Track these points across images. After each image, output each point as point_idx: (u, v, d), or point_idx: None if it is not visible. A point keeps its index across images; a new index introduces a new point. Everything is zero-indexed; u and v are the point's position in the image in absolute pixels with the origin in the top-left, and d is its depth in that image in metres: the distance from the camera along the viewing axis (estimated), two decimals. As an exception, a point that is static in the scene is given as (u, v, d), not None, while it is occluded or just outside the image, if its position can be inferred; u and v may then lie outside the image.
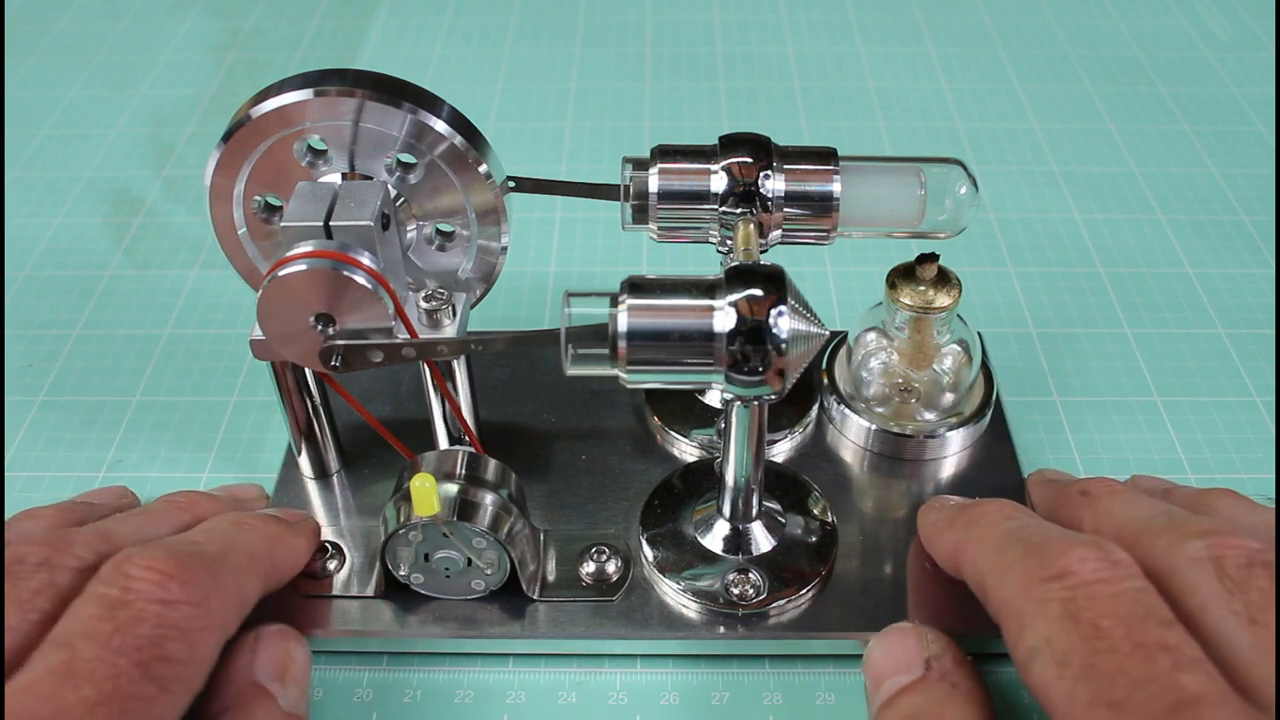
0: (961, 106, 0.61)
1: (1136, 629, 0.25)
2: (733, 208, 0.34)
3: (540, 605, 0.34)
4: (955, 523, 0.32)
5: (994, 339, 0.46)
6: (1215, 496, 0.32)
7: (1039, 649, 0.26)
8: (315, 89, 0.33)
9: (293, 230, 0.32)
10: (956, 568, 0.31)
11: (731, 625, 0.34)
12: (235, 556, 0.30)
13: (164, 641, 0.26)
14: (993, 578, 0.28)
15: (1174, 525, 0.28)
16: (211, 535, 0.30)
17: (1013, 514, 0.31)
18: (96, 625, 0.25)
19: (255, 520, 0.32)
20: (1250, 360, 0.45)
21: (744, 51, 0.66)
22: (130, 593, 0.26)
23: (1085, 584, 0.26)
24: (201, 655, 0.27)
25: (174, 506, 0.34)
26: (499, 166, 0.35)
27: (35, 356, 0.46)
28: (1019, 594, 0.27)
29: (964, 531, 0.31)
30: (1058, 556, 0.27)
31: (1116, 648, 0.24)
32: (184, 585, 0.27)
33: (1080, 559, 0.26)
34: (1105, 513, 0.31)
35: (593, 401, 0.41)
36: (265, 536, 0.32)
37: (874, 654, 0.31)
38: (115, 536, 0.30)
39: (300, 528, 0.34)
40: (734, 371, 0.28)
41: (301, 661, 0.31)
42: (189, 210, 0.54)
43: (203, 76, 0.65)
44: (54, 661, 0.24)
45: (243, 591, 0.29)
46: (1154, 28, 0.68)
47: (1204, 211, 0.53)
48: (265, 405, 0.43)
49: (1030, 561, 0.27)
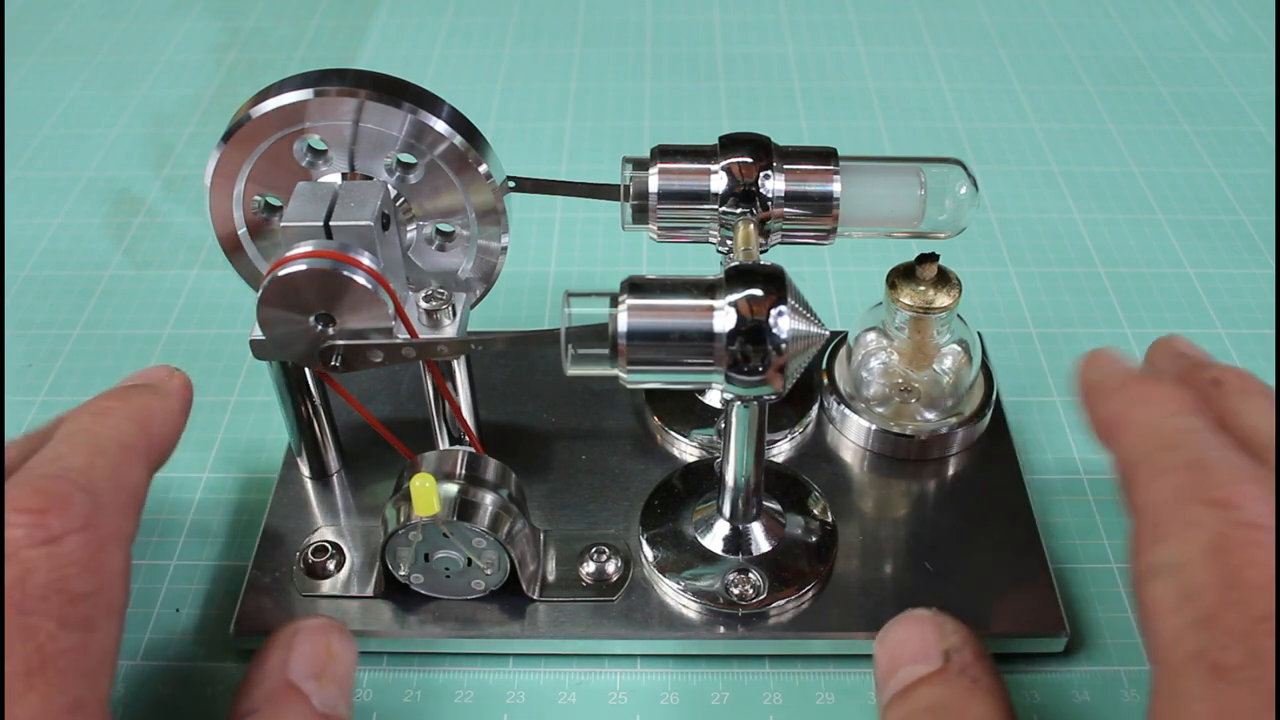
0: (961, 106, 0.61)
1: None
2: (733, 208, 0.34)
3: (540, 605, 0.34)
4: (1122, 391, 0.28)
5: (994, 339, 0.46)
6: None
7: (1167, 568, 0.23)
8: (315, 89, 0.33)
9: (293, 230, 0.32)
10: (1109, 438, 0.28)
11: (731, 625, 0.34)
12: (105, 455, 0.27)
13: (66, 582, 0.24)
14: (1146, 470, 0.25)
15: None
16: (73, 440, 0.27)
17: (1191, 409, 0.27)
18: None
19: (115, 401, 0.29)
20: (1250, 360, 0.45)
21: (744, 51, 0.66)
22: (11, 544, 0.24)
23: (1246, 525, 0.23)
24: (111, 573, 0.25)
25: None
26: (499, 166, 0.35)
27: (35, 356, 0.46)
28: (1169, 502, 0.24)
29: (1130, 406, 0.27)
30: (1227, 482, 0.24)
31: (1250, 606, 0.22)
32: (61, 515, 0.24)
33: (1250, 495, 0.23)
34: (1235, 412, 0.27)
35: (593, 401, 0.41)
36: (131, 416, 0.29)
37: (889, 639, 0.28)
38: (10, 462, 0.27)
39: (167, 386, 0.31)
40: (734, 371, 0.28)
41: (343, 657, 0.28)
42: (189, 210, 0.54)
43: (203, 76, 0.65)
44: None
45: (128, 487, 0.27)
46: (1154, 28, 0.68)
47: (1204, 211, 0.53)
48: (265, 405, 0.43)
49: (1194, 474, 0.24)
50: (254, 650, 0.34)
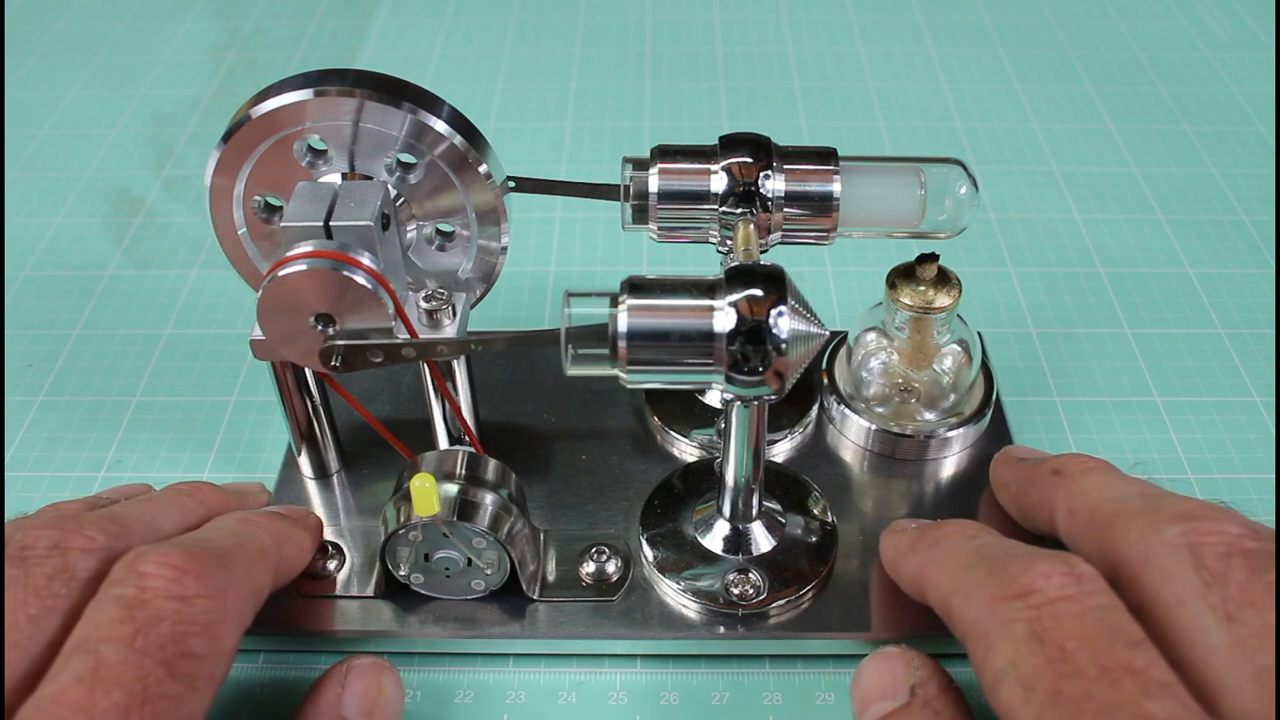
0: (961, 106, 0.61)
1: (1103, 651, 0.24)
2: (733, 208, 0.34)
3: (540, 605, 0.34)
4: (917, 546, 0.31)
5: (994, 339, 0.46)
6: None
7: (1005, 672, 0.25)
8: (315, 89, 0.33)
9: (293, 230, 0.32)
10: (921, 593, 0.30)
11: (731, 625, 0.34)
12: (245, 551, 0.30)
13: (186, 638, 0.26)
14: (957, 599, 0.27)
15: (1150, 508, 0.27)
16: (221, 532, 0.30)
17: (975, 533, 0.30)
18: (117, 627, 0.25)
19: (261, 517, 0.32)
20: (1250, 360, 0.45)
21: (744, 51, 0.66)
22: (147, 591, 0.26)
23: (1050, 602, 0.25)
24: (223, 648, 0.27)
25: (179, 494, 0.34)
26: (499, 166, 0.35)
27: (35, 356, 0.46)
28: (984, 614, 0.26)
29: (926, 554, 0.30)
30: (1020, 574, 0.26)
31: (1082, 672, 0.23)
32: (199, 579, 0.27)
33: (1044, 575, 0.25)
34: (1079, 493, 0.30)
35: (593, 401, 0.41)
36: (272, 532, 0.32)
37: (861, 677, 0.30)
38: (122, 518, 0.30)
39: (304, 523, 0.34)
40: (734, 371, 0.28)
41: (393, 696, 0.30)
42: (189, 210, 0.54)
43: (203, 76, 0.65)
44: (80, 668, 0.24)
45: (256, 584, 0.29)
46: (1154, 28, 0.68)
47: (1204, 211, 0.53)
48: (265, 405, 0.43)
49: (993, 580, 0.26)
50: (254, 650, 0.35)
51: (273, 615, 0.34)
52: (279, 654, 0.35)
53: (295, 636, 0.34)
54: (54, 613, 0.26)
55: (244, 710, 0.33)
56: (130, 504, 0.32)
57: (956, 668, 0.34)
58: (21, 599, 0.26)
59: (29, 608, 0.26)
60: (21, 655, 0.25)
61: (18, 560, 0.27)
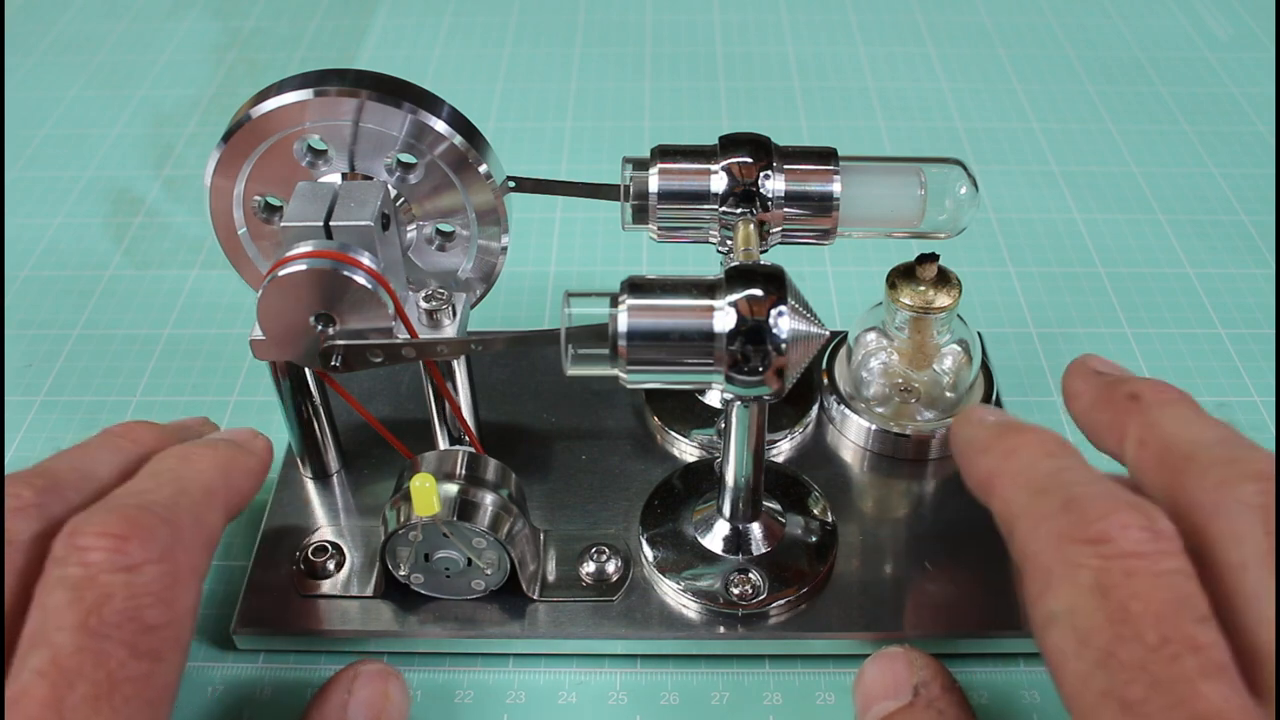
0: (961, 106, 0.61)
1: (1167, 621, 0.22)
2: (733, 208, 0.34)
3: (540, 605, 0.34)
4: (992, 447, 0.29)
5: (994, 339, 0.46)
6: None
7: (1060, 616, 0.24)
8: (315, 89, 0.33)
9: (293, 230, 0.32)
10: (987, 498, 0.28)
11: (731, 625, 0.34)
12: (188, 496, 0.28)
13: (141, 611, 0.24)
14: (1024, 523, 0.26)
15: (1230, 458, 0.25)
16: (159, 479, 0.28)
17: (1056, 451, 0.28)
18: (68, 613, 0.24)
19: (202, 449, 0.30)
20: (1250, 360, 0.45)
21: (744, 51, 0.66)
22: (91, 567, 0.24)
23: (1122, 556, 0.23)
24: (182, 609, 0.26)
25: (110, 435, 0.32)
26: (499, 166, 0.35)
27: (35, 356, 0.46)
28: (1049, 549, 0.25)
29: (1000, 460, 0.28)
30: (1099, 518, 0.24)
31: (1142, 638, 0.22)
32: (143, 544, 0.25)
33: (1122, 525, 0.24)
34: (1155, 424, 0.28)
35: (593, 401, 0.41)
36: (216, 464, 0.30)
37: (864, 677, 0.30)
38: (50, 471, 0.28)
39: (251, 445, 0.32)
40: (734, 371, 0.28)
41: (399, 702, 0.30)
42: (189, 210, 0.54)
43: (203, 76, 0.65)
44: (39, 664, 0.23)
45: (206, 530, 0.28)
46: (1154, 28, 0.68)
47: (1204, 211, 0.53)
48: (265, 405, 0.43)
49: (1068, 516, 0.25)
50: (254, 650, 0.35)
51: (273, 615, 0.34)
52: (279, 654, 0.35)
53: (295, 636, 0.34)
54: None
55: (244, 710, 0.33)
56: (60, 454, 0.30)
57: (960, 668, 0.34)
58: None
59: None
60: None
61: None
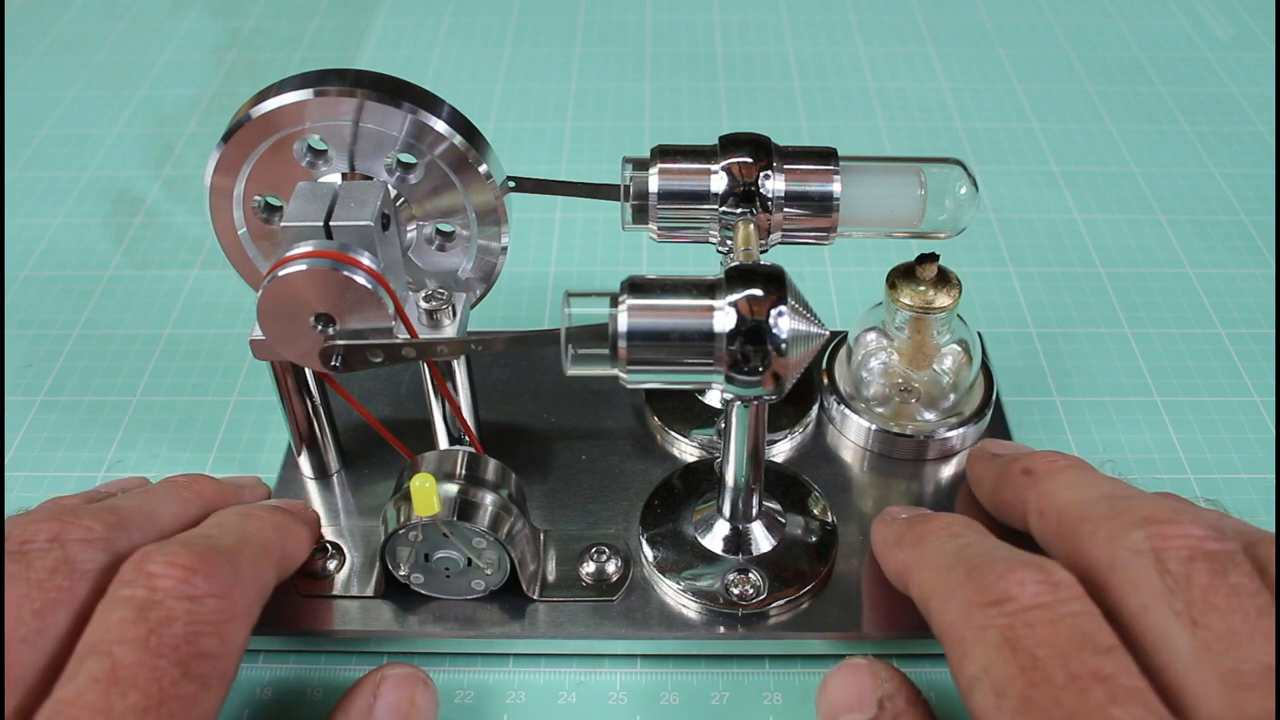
0: (961, 106, 0.61)
1: (1072, 658, 0.24)
2: (733, 208, 0.34)
3: (540, 605, 0.34)
4: (903, 540, 0.31)
5: (994, 339, 0.46)
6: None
7: (979, 678, 0.25)
8: (315, 89, 0.33)
9: (293, 230, 0.32)
10: (904, 587, 0.30)
11: (731, 625, 0.34)
12: (249, 546, 0.30)
13: (198, 638, 0.26)
14: (936, 600, 0.28)
15: (1115, 512, 0.27)
16: (223, 528, 0.30)
17: (961, 531, 0.30)
18: (130, 629, 0.25)
19: (262, 511, 0.32)
20: (1250, 360, 0.45)
21: (744, 51, 0.66)
22: (157, 591, 0.26)
23: (1023, 610, 0.25)
24: (233, 646, 0.27)
25: (175, 485, 0.33)
26: (499, 166, 0.35)
27: (35, 356, 0.46)
28: (960, 619, 0.26)
29: (911, 550, 0.30)
30: (997, 580, 0.26)
31: (1052, 679, 0.24)
32: (208, 578, 0.27)
33: (1019, 583, 0.25)
34: (1048, 494, 0.30)
35: (593, 401, 0.41)
36: (274, 526, 0.32)
37: (827, 688, 0.30)
38: (120, 510, 0.29)
39: (303, 517, 0.34)
40: (734, 372, 0.28)
41: (425, 708, 0.30)
42: (189, 210, 0.54)
43: (203, 76, 0.65)
44: (95, 670, 0.24)
45: (261, 580, 0.29)
46: (1154, 28, 0.68)
47: (1204, 211, 0.53)
48: (265, 405, 0.43)
49: (971, 585, 0.26)
50: (254, 650, 0.35)
51: (273, 615, 0.34)
52: (279, 654, 0.35)
53: (295, 636, 0.34)
54: (59, 606, 0.26)
55: (244, 710, 0.33)
56: (127, 496, 0.32)
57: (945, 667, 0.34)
58: (25, 594, 0.26)
59: (33, 602, 0.26)
60: (30, 651, 0.25)
61: (18, 556, 0.27)
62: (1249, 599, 0.24)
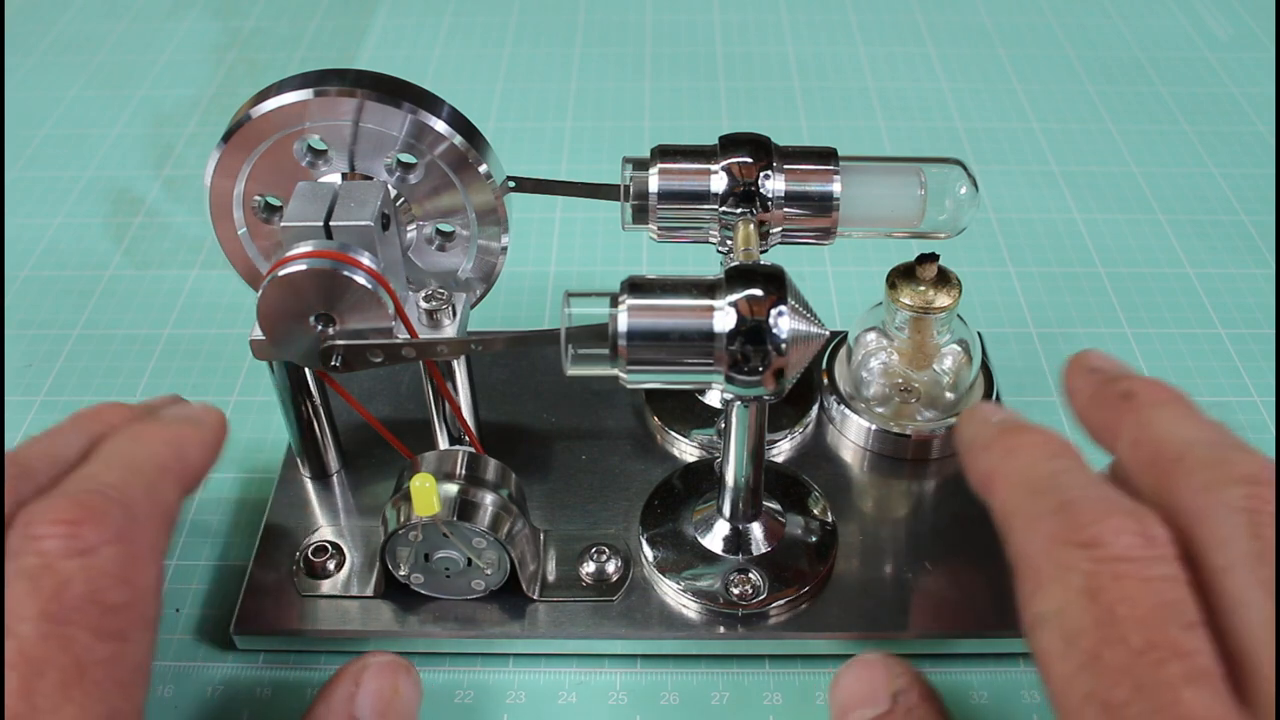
0: (961, 106, 0.61)
1: (1153, 626, 0.23)
2: (733, 208, 0.34)
3: (540, 605, 0.34)
4: (993, 445, 0.29)
5: (994, 339, 0.46)
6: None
7: (1049, 617, 0.24)
8: (315, 89, 0.33)
9: (293, 230, 0.32)
10: (987, 495, 0.28)
11: (731, 625, 0.34)
12: (141, 474, 0.28)
13: (102, 593, 0.24)
14: (1019, 522, 0.26)
15: (1217, 461, 0.25)
16: (110, 460, 0.28)
17: (1057, 452, 0.28)
18: (28, 603, 0.23)
19: (153, 427, 0.30)
20: (1250, 360, 0.45)
21: (744, 51, 0.66)
22: (46, 555, 0.24)
23: (1113, 560, 0.24)
24: (144, 587, 0.25)
25: (81, 419, 0.31)
26: (499, 166, 0.35)
27: (35, 356, 0.46)
28: (1042, 550, 0.25)
29: (1001, 458, 0.28)
30: (1092, 521, 0.24)
31: (1128, 641, 0.22)
32: (97, 526, 0.25)
33: (1115, 530, 0.24)
34: (1147, 424, 0.28)
35: (593, 401, 0.41)
36: (167, 441, 0.29)
37: (840, 683, 0.29)
38: (20, 458, 0.28)
39: (203, 418, 0.32)
40: (734, 371, 0.28)
41: (408, 696, 0.30)
42: (189, 210, 0.54)
43: (203, 76, 0.65)
44: (6, 656, 0.23)
45: (162, 506, 0.28)
46: (1154, 28, 0.68)
47: (1204, 211, 0.53)
48: (265, 405, 0.43)
49: (1062, 518, 0.25)
50: (254, 650, 0.35)
51: (273, 615, 0.34)
52: (279, 654, 0.35)
53: (295, 636, 0.34)
54: None
55: (244, 710, 0.33)
56: (32, 441, 0.30)
57: (959, 667, 0.34)
58: None
59: None
60: None
61: None
62: None
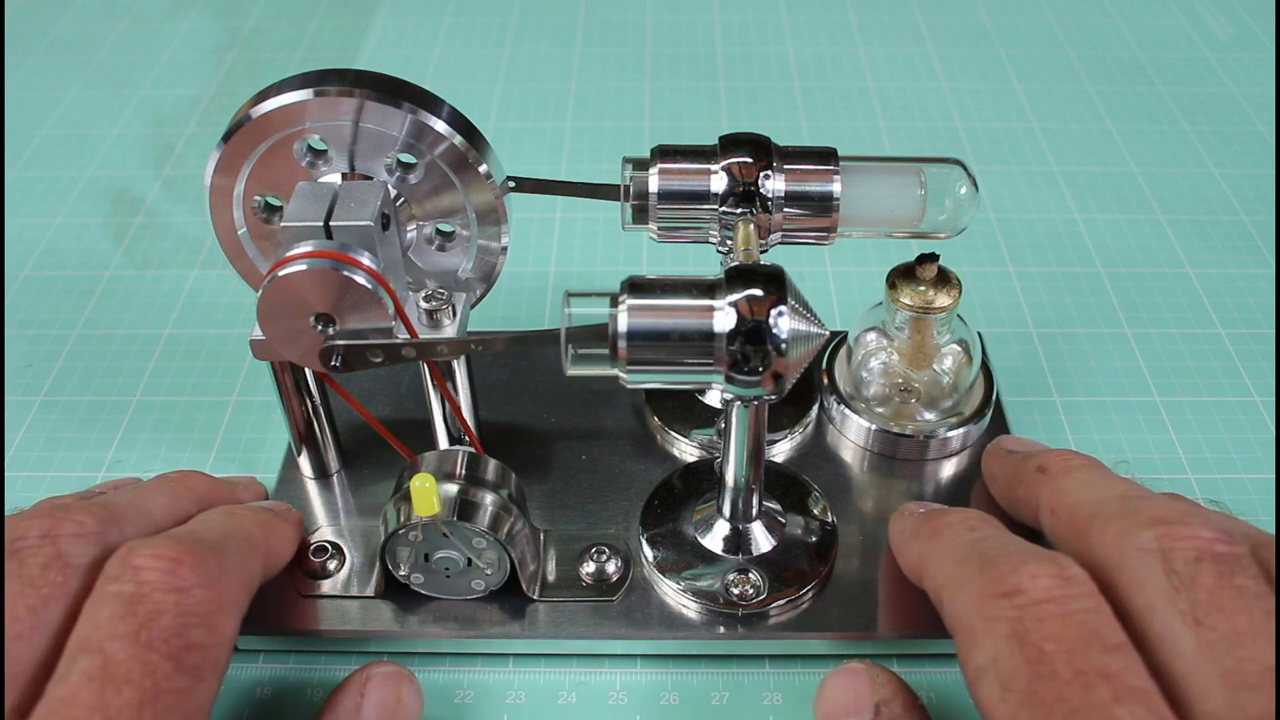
0: (961, 106, 0.61)
1: (1079, 654, 0.24)
2: (733, 208, 0.34)
3: (540, 605, 0.34)
4: (920, 533, 0.31)
5: (994, 339, 0.46)
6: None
7: (985, 669, 0.25)
8: (315, 89, 0.33)
9: (293, 230, 0.32)
10: (919, 580, 0.31)
11: (731, 625, 0.34)
12: (234, 540, 0.30)
13: (188, 630, 0.26)
14: (949, 591, 0.28)
15: (1127, 512, 0.27)
16: (208, 524, 0.31)
17: (976, 525, 0.30)
18: (120, 624, 0.25)
19: (245, 510, 0.33)
20: (1250, 360, 0.45)
21: (744, 51, 0.66)
22: (144, 585, 0.26)
23: (1034, 603, 0.25)
24: (223, 636, 0.27)
25: (167, 481, 0.34)
26: (499, 166, 0.35)
27: (35, 356, 0.46)
28: (971, 610, 0.26)
29: (927, 542, 0.30)
30: (1010, 572, 0.26)
31: (1057, 674, 0.24)
32: (194, 569, 0.27)
33: (1031, 576, 0.26)
34: (1061, 491, 0.30)
35: (593, 401, 0.41)
36: (257, 523, 0.32)
37: (824, 691, 0.30)
38: (111, 504, 0.30)
39: (287, 516, 0.35)
40: (734, 372, 0.28)
41: (411, 706, 0.30)
42: (189, 210, 0.54)
43: (203, 76, 0.65)
44: (88, 667, 0.24)
45: (247, 573, 0.30)
46: (1154, 28, 0.68)
47: (1204, 211, 0.53)
48: (265, 405, 0.43)
49: (984, 577, 0.27)
50: (254, 650, 0.35)
51: (273, 615, 0.34)
52: (279, 654, 0.35)
53: (295, 636, 0.34)
54: (53, 601, 0.26)
55: (244, 710, 0.33)
56: (120, 491, 0.32)
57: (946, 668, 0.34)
58: (19, 590, 0.26)
59: (27, 599, 0.26)
60: (26, 647, 0.25)
61: (11, 553, 0.27)
62: (1254, 601, 0.24)
